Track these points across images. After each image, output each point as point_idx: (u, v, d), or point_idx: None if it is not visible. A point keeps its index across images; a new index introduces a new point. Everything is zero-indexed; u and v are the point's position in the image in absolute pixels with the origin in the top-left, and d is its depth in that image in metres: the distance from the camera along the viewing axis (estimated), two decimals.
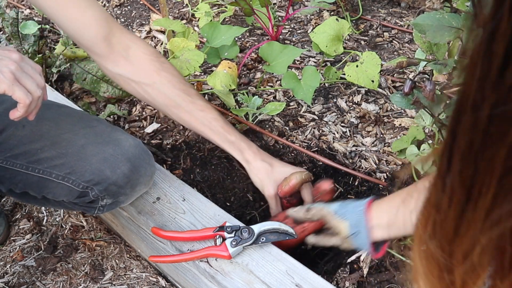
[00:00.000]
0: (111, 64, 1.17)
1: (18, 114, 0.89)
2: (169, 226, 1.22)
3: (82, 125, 1.16)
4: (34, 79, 0.90)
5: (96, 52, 1.15)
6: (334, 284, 1.16)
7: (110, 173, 1.08)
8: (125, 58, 1.16)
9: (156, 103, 1.23)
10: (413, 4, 2.07)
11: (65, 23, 1.09)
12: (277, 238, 1.13)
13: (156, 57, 1.19)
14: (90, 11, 1.10)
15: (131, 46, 1.17)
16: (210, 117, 1.21)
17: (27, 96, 0.88)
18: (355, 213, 1.00)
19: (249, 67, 1.81)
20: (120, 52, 1.16)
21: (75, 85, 1.82)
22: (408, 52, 1.83)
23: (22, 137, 1.13)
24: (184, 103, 1.20)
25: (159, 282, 1.29)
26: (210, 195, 1.39)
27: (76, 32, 1.11)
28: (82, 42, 1.13)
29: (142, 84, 1.19)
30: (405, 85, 1.01)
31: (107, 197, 1.10)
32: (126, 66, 1.17)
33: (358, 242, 1.00)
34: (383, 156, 1.45)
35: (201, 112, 1.21)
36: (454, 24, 0.91)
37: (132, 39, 1.17)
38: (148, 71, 1.18)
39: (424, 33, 0.91)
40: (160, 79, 1.18)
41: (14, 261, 1.35)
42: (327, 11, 2.03)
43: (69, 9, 1.07)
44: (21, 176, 1.13)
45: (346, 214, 1.02)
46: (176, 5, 2.19)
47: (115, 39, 1.14)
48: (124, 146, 1.11)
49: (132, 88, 1.21)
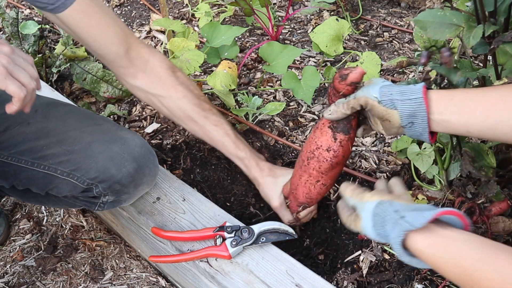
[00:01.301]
0: (130, 77, 1.21)
1: (14, 108, 0.88)
2: (169, 226, 1.22)
3: (89, 123, 1.17)
4: (26, 71, 0.88)
5: (117, 66, 1.19)
6: (334, 284, 1.16)
7: (115, 171, 1.08)
8: (144, 71, 1.20)
9: (171, 116, 1.27)
10: (413, 4, 2.07)
11: (88, 40, 1.12)
12: (277, 238, 1.13)
13: (173, 71, 1.23)
14: (112, 28, 1.13)
15: (149, 59, 1.20)
16: (223, 132, 1.26)
17: (21, 90, 0.86)
18: (408, 103, 0.86)
19: (249, 67, 1.80)
20: (139, 66, 1.19)
21: (75, 85, 1.82)
22: (408, 52, 1.83)
23: (27, 134, 1.14)
24: (198, 118, 1.24)
25: (159, 282, 1.29)
26: (210, 195, 1.39)
27: (97, 48, 1.14)
28: (104, 56, 1.17)
29: (159, 97, 1.23)
30: (421, 55, 0.99)
31: (110, 194, 1.11)
32: (145, 80, 1.21)
33: (411, 133, 0.88)
34: (383, 156, 1.45)
35: (214, 127, 1.25)
36: (455, 21, 0.91)
37: (149, 53, 1.21)
38: (165, 85, 1.22)
39: (425, 30, 0.91)
40: (176, 94, 1.22)
41: (14, 261, 1.35)
42: (327, 11, 2.03)
43: (93, 29, 1.10)
44: (25, 172, 1.13)
45: (394, 103, 0.87)
46: (176, 5, 2.19)
47: (134, 53, 1.18)
48: (131, 145, 1.12)
49: (149, 100, 1.26)
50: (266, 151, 1.48)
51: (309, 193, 1.09)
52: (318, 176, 1.05)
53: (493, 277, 0.65)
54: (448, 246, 0.71)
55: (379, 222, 0.79)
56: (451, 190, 1.19)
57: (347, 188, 0.90)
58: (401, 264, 1.18)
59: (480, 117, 0.79)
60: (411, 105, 0.85)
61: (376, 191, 0.86)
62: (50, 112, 1.17)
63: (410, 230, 0.73)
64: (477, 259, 0.68)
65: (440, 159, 1.17)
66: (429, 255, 0.72)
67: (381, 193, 0.84)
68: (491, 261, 0.67)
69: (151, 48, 1.24)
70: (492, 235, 1.12)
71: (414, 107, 0.84)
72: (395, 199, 0.80)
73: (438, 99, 0.84)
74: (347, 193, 0.89)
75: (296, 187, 1.10)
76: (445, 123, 0.83)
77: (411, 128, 0.86)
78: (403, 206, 0.77)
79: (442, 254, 0.71)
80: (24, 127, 1.14)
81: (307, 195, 1.10)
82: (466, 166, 1.04)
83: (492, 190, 1.04)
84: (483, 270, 0.67)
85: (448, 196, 1.20)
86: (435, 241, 0.72)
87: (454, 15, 0.91)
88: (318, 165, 1.02)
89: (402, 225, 0.73)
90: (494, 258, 0.68)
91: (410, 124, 0.86)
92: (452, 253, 0.70)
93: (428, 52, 0.99)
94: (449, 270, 0.70)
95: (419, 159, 1.21)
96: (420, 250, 0.73)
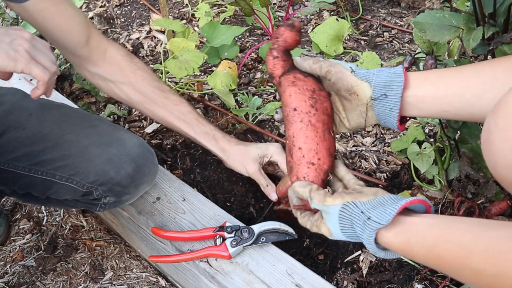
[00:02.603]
0: (91, 65, 1.22)
1: (39, 92, 0.90)
2: (169, 226, 1.22)
3: (84, 125, 1.16)
4: (47, 56, 0.91)
5: (78, 55, 1.19)
6: (334, 284, 1.16)
7: (114, 174, 1.08)
8: (103, 59, 1.22)
9: (131, 101, 1.27)
10: (413, 4, 2.07)
11: (52, 30, 1.12)
12: (277, 238, 1.13)
13: (130, 58, 1.25)
14: (76, 18, 1.14)
15: (107, 48, 1.22)
16: (185, 110, 1.26)
17: (44, 73, 0.88)
18: (383, 75, 0.82)
19: (249, 67, 1.81)
20: (99, 54, 1.21)
21: (75, 85, 1.82)
22: (408, 52, 1.83)
23: (23, 139, 1.13)
24: (159, 99, 1.25)
25: (159, 282, 1.29)
26: (210, 195, 1.39)
27: (61, 37, 1.14)
28: (67, 46, 1.17)
29: (119, 83, 1.24)
30: (405, 60, 0.99)
31: (111, 196, 1.11)
32: (104, 67, 1.23)
33: (380, 109, 0.83)
34: (383, 156, 1.45)
35: (175, 106, 1.26)
36: (454, 23, 0.91)
37: (107, 42, 1.23)
38: (124, 71, 1.24)
39: (424, 32, 0.91)
40: (135, 78, 1.24)
41: (14, 261, 1.35)
42: (327, 11, 2.03)
43: (58, 17, 1.11)
44: (24, 179, 1.13)
45: (368, 75, 0.84)
46: (176, 5, 2.19)
47: (95, 42, 1.19)
48: (128, 146, 1.12)
49: (109, 88, 1.26)
50: None
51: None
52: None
53: (450, 248, 0.65)
54: (410, 231, 0.71)
55: (347, 225, 0.78)
56: (451, 190, 1.19)
57: (304, 188, 0.86)
58: (401, 264, 1.18)
59: (458, 92, 0.77)
60: (388, 75, 0.82)
61: (337, 193, 0.83)
62: (45, 116, 1.17)
63: (378, 228, 0.73)
64: (435, 234, 0.69)
65: (440, 159, 1.18)
66: (397, 244, 0.73)
67: (341, 194, 0.81)
68: (448, 233, 0.67)
69: (107, 38, 1.26)
70: None
71: (392, 77, 0.82)
72: (357, 199, 0.79)
73: (415, 76, 0.82)
74: (308, 195, 0.85)
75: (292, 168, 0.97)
76: (419, 103, 0.81)
77: (382, 102, 0.82)
78: (367, 205, 0.76)
79: (407, 239, 0.71)
80: (20, 132, 1.14)
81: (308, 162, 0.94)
82: (464, 168, 1.04)
83: (491, 190, 1.04)
84: (442, 243, 0.67)
85: (448, 196, 1.20)
86: (399, 230, 0.72)
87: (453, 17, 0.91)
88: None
89: (370, 225, 0.73)
90: (450, 230, 0.67)
91: (383, 97, 0.82)
92: (415, 236, 0.71)
93: (411, 58, 0.99)
94: (415, 254, 0.71)
95: (419, 159, 1.21)
96: (388, 242, 0.73)
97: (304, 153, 0.89)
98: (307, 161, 0.89)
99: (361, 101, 0.85)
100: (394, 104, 0.81)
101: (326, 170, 0.90)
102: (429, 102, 0.80)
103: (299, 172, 0.90)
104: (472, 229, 0.65)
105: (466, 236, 0.65)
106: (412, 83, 0.81)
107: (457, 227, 0.67)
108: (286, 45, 0.92)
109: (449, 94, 0.78)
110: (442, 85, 0.79)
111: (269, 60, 0.93)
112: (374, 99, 0.83)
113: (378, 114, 0.85)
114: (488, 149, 0.64)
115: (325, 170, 0.89)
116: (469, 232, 0.65)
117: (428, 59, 0.95)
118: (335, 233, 0.81)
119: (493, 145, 0.62)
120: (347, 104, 0.88)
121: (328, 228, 0.82)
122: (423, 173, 1.23)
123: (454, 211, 1.16)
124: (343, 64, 0.86)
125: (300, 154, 0.89)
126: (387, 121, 0.84)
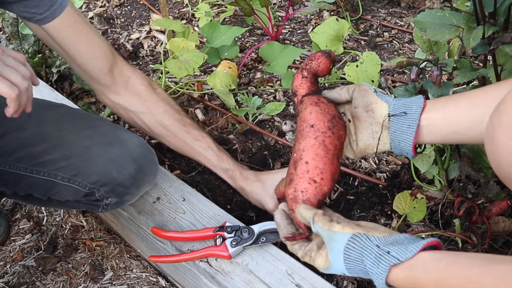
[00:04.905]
0: (112, 94, 1.22)
1: (10, 110, 0.87)
2: (169, 226, 1.22)
3: (85, 125, 1.16)
4: (18, 71, 0.87)
5: (101, 83, 1.19)
6: (334, 284, 1.16)
7: (116, 174, 1.08)
8: (125, 89, 1.21)
9: (152, 133, 1.28)
10: (413, 4, 2.07)
11: (76, 56, 1.12)
12: (277, 238, 1.13)
13: (153, 88, 1.25)
14: (99, 45, 1.14)
15: (130, 76, 1.21)
16: (205, 145, 1.26)
17: (12, 89, 0.85)
18: (402, 98, 0.86)
19: (249, 67, 1.81)
20: (121, 83, 1.20)
21: (75, 85, 1.82)
22: (408, 52, 1.83)
23: (24, 139, 1.13)
24: (180, 133, 1.25)
25: (159, 282, 1.29)
26: (210, 195, 1.39)
27: (85, 64, 1.14)
28: (90, 73, 1.16)
29: (140, 114, 1.24)
30: (411, 71, 0.99)
31: (113, 196, 1.11)
32: (126, 97, 1.22)
33: (397, 126, 0.85)
34: (383, 156, 1.45)
35: (196, 142, 1.26)
36: (454, 22, 0.91)
37: (131, 70, 1.22)
38: (146, 101, 1.23)
39: (424, 31, 0.91)
40: (157, 110, 1.24)
41: (14, 261, 1.35)
42: (327, 11, 2.03)
43: (82, 43, 1.10)
44: (25, 180, 1.12)
45: (388, 97, 0.88)
46: (176, 5, 2.19)
47: (117, 70, 1.19)
48: (130, 146, 1.12)
49: (130, 118, 1.27)
50: (266, 151, 1.48)
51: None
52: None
53: (459, 281, 0.66)
54: (417, 266, 0.72)
55: (354, 256, 0.76)
56: (451, 190, 1.19)
57: (309, 211, 0.85)
58: None
59: (465, 110, 0.79)
60: (408, 97, 0.86)
61: (346, 222, 0.81)
62: (45, 116, 1.17)
63: (394, 264, 0.72)
64: (443, 269, 0.69)
65: (440, 159, 1.18)
66: (403, 278, 0.73)
67: (350, 224, 0.80)
68: (455, 267, 0.68)
69: (131, 65, 1.25)
70: (492, 235, 1.12)
71: (412, 99, 0.85)
72: (369, 232, 0.77)
73: (427, 101, 0.85)
74: (312, 218, 0.83)
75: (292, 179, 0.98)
76: (430, 126, 0.83)
77: (400, 119, 0.84)
78: (382, 240, 0.75)
79: (414, 274, 0.72)
80: (20, 133, 1.13)
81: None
82: (465, 168, 1.04)
83: (492, 191, 1.04)
84: (450, 277, 0.68)
85: (448, 196, 1.20)
86: (406, 265, 0.72)
87: (453, 16, 0.91)
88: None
89: (388, 260, 0.73)
90: (457, 264, 0.69)
91: (402, 114, 0.84)
92: (422, 271, 0.71)
93: (418, 69, 0.99)
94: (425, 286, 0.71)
95: (419, 159, 1.21)
96: (393, 278, 0.73)
97: (309, 168, 0.89)
98: (310, 176, 0.89)
99: (376, 119, 0.87)
100: (413, 121, 0.83)
101: (325, 192, 0.90)
102: (438, 124, 0.82)
103: (299, 185, 0.89)
104: (479, 263, 0.67)
105: (474, 270, 0.66)
106: (426, 107, 0.84)
107: (464, 261, 0.68)
108: (318, 70, 0.95)
109: (457, 113, 0.80)
110: (451, 105, 0.82)
111: (297, 78, 0.96)
112: (392, 115, 0.85)
113: (394, 132, 0.86)
114: (492, 147, 0.64)
115: (324, 192, 0.90)
116: (476, 266, 0.66)
117: (434, 70, 0.95)
118: (335, 264, 0.79)
119: (497, 143, 0.63)
120: (359, 125, 0.90)
121: (326, 259, 0.81)
122: (423, 173, 1.23)
123: (454, 211, 1.16)
124: (368, 85, 0.90)
125: (305, 168, 0.89)
126: (401, 140, 0.85)
